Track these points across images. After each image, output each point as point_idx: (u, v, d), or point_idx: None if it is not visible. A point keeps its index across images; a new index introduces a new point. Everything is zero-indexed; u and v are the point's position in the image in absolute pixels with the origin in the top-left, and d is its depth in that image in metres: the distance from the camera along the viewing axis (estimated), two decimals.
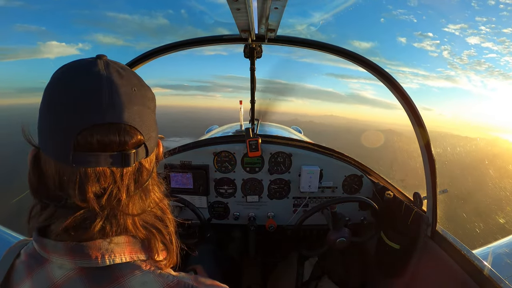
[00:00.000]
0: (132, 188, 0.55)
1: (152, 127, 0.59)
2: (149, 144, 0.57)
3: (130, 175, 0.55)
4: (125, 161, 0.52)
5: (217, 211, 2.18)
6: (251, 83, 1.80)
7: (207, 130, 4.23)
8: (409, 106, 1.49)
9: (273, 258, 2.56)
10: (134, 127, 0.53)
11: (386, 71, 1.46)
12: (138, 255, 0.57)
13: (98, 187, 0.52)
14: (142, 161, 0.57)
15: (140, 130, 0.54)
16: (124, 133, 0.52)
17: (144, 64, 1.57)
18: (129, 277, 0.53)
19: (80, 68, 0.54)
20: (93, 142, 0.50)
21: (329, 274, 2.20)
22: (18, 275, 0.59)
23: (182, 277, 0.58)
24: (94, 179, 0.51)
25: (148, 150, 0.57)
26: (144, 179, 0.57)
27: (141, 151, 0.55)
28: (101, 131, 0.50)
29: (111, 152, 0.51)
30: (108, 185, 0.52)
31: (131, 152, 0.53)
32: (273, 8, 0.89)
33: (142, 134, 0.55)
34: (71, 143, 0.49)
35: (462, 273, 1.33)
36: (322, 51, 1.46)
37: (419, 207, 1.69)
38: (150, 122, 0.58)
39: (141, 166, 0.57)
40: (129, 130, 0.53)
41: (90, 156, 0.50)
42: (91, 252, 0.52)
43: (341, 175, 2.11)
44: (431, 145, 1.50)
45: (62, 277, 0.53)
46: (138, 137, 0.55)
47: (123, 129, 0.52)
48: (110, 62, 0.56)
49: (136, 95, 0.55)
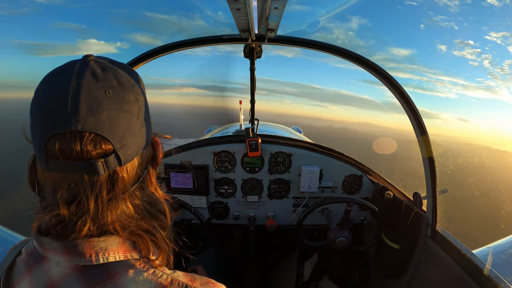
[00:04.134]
0: (104, 196, 0.53)
1: (129, 134, 0.54)
2: (123, 152, 0.53)
3: (102, 184, 0.52)
4: (92, 170, 0.50)
5: (217, 211, 2.18)
6: (251, 83, 1.80)
7: (207, 130, 4.22)
8: (410, 107, 1.50)
9: (273, 258, 2.56)
10: (101, 135, 0.50)
11: (386, 71, 1.46)
12: (132, 254, 0.57)
13: (68, 194, 0.52)
14: (117, 170, 0.54)
15: (109, 138, 0.51)
16: (87, 142, 0.49)
17: (145, 63, 1.58)
18: (123, 275, 0.54)
19: (58, 72, 0.53)
20: (56, 150, 0.49)
21: (329, 274, 2.20)
22: (18, 272, 0.61)
23: (176, 276, 0.58)
24: (65, 186, 0.51)
25: (121, 159, 0.53)
26: (120, 188, 0.54)
27: (112, 160, 0.52)
28: (62, 140, 0.49)
29: (78, 160, 0.50)
30: (77, 193, 0.52)
31: (98, 161, 0.50)
32: (273, 8, 0.89)
33: (112, 143, 0.51)
34: (42, 149, 0.50)
35: (462, 273, 1.33)
36: (322, 51, 1.46)
37: (419, 207, 1.69)
38: (125, 128, 0.53)
39: (116, 174, 0.54)
40: (94, 139, 0.50)
41: (59, 163, 0.50)
42: (85, 251, 0.54)
43: (341, 175, 2.11)
44: (431, 145, 1.50)
45: (59, 275, 0.55)
46: (106, 146, 0.51)
47: (86, 137, 0.49)
48: (92, 63, 0.54)
49: (110, 99, 0.51)
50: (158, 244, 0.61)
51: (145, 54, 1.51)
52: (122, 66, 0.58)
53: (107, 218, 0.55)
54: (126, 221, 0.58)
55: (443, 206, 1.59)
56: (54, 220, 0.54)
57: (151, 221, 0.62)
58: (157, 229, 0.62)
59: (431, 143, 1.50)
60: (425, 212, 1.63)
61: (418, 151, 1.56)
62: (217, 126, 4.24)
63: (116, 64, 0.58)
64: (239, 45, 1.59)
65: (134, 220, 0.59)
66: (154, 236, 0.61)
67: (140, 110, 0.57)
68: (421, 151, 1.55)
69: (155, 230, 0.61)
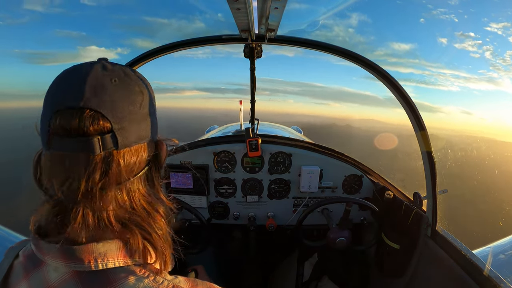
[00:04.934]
0: (97, 178, 0.52)
1: (129, 119, 0.55)
2: (120, 134, 0.53)
3: (96, 164, 0.51)
4: (88, 147, 0.50)
5: (217, 211, 2.18)
6: (251, 83, 1.80)
7: (207, 130, 4.23)
8: (409, 106, 1.50)
9: (273, 258, 2.56)
10: (101, 113, 0.51)
11: (386, 71, 1.46)
12: (132, 259, 0.56)
13: (64, 174, 0.52)
14: (113, 153, 0.53)
15: (108, 116, 0.52)
16: (85, 118, 0.51)
17: (145, 63, 1.57)
18: (122, 282, 0.53)
19: (72, 68, 0.57)
20: (57, 126, 0.51)
21: (329, 274, 2.20)
22: (16, 276, 0.59)
23: (178, 282, 0.57)
24: (61, 166, 0.52)
25: (118, 141, 0.53)
26: (114, 173, 0.53)
27: (108, 139, 0.52)
28: (64, 116, 0.51)
29: (76, 137, 0.51)
30: (71, 173, 0.52)
31: (94, 138, 0.50)
32: (273, 8, 0.89)
33: (110, 122, 0.52)
34: (46, 129, 0.52)
35: (462, 273, 1.33)
36: (322, 51, 1.46)
37: (419, 207, 1.69)
38: (127, 112, 0.55)
39: (111, 157, 0.53)
40: (93, 115, 0.51)
41: (60, 140, 0.51)
42: (84, 256, 0.53)
43: (341, 175, 2.11)
44: (431, 145, 1.50)
45: (57, 280, 0.54)
46: (103, 123, 0.52)
47: (86, 114, 0.51)
48: (104, 61, 0.58)
49: (115, 86, 0.54)
50: (154, 245, 0.59)
51: (145, 54, 1.51)
52: (131, 69, 0.62)
53: (100, 204, 0.53)
54: (119, 211, 0.56)
55: (443, 206, 1.59)
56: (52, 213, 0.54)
57: (147, 219, 0.60)
58: (153, 228, 0.60)
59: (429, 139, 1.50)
60: (425, 212, 1.63)
61: (455, 155, 1.55)
62: (217, 126, 4.24)
63: (126, 66, 0.61)
64: (239, 46, 1.60)
65: (127, 213, 0.57)
66: (150, 235, 0.59)
67: (144, 102, 0.59)
68: (420, 147, 1.55)
69: (151, 228, 0.59)
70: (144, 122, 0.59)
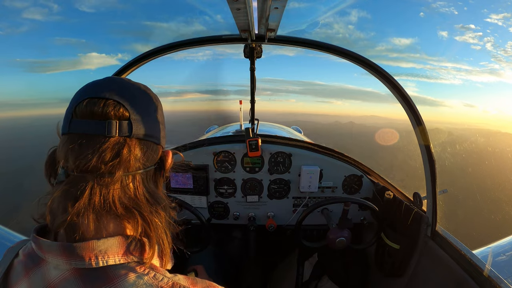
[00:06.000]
0: (108, 158, 0.56)
1: (145, 115, 0.63)
2: (136, 124, 0.60)
3: (109, 146, 0.57)
4: (106, 128, 0.57)
5: (217, 211, 2.18)
6: (251, 83, 1.80)
7: (207, 130, 4.23)
8: (409, 105, 1.49)
9: (273, 258, 2.56)
10: (120, 102, 0.59)
11: (386, 71, 1.46)
12: (132, 256, 0.57)
13: (78, 151, 0.56)
14: (126, 140, 0.59)
15: (128, 108, 0.60)
16: (108, 105, 0.58)
17: (145, 63, 1.57)
18: (122, 279, 0.53)
19: None
20: (82, 110, 0.58)
21: (329, 274, 2.20)
22: (16, 274, 0.60)
23: (177, 280, 0.57)
24: (78, 144, 0.56)
25: (133, 129, 0.60)
26: (124, 158, 0.58)
27: (125, 125, 0.59)
28: (89, 103, 0.58)
29: (97, 119, 0.57)
30: (86, 150, 0.56)
31: (113, 120, 0.58)
32: (273, 8, 0.89)
33: (128, 111, 0.60)
34: (70, 114, 0.59)
35: (462, 273, 1.33)
36: (322, 51, 1.46)
37: (419, 207, 1.69)
38: (143, 109, 0.63)
39: (124, 142, 0.58)
40: (115, 104, 0.59)
41: (80, 122, 0.58)
42: (85, 253, 0.53)
43: (341, 175, 2.11)
44: (431, 144, 1.50)
45: (58, 278, 0.54)
46: (123, 111, 0.59)
47: (110, 103, 0.59)
48: None
49: (137, 90, 0.65)
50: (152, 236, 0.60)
51: (145, 54, 1.51)
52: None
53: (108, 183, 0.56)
54: (124, 197, 0.59)
55: (443, 206, 1.59)
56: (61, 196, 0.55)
57: (149, 208, 0.62)
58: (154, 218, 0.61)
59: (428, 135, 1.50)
60: (425, 212, 1.63)
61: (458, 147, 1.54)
62: (217, 126, 4.24)
63: None
64: (239, 48, 1.59)
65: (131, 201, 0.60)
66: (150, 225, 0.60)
67: (158, 109, 0.69)
68: (421, 150, 1.54)
69: (151, 217, 0.61)
70: (156, 125, 0.66)
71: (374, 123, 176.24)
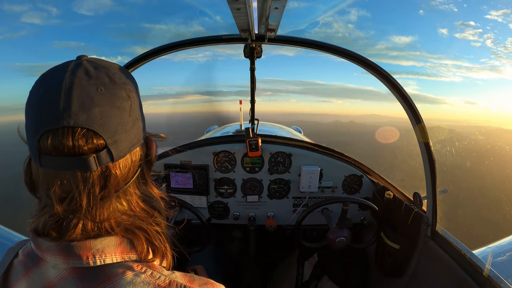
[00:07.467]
0: (97, 192, 0.53)
1: (121, 130, 0.55)
2: (115, 148, 0.53)
3: (94, 180, 0.52)
4: (84, 166, 0.50)
5: (217, 211, 2.18)
6: (251, 83, 1.80)
7: (207, 130, 4.22)
8: (408, 105, 1.50)
9: (273, 258, 2.56)
10: (93, 130, 0.51)
11: (385, 70, 1.47)
12: (129, 255, 0.57)
13: (61, 191, 0.52)
14: (110, 166, 0.54)
15: (101, 133, 0.51)
16: (79, 137, 0.50)
17: (145, 63, 1.57)
18: (120, 277, 0.54)
19: (52, 71, 0.55)
20: (49, 146, 0.50)
21: (329, 274, 2.20)
22: (16, 274, 0.60)
23: (174, 277, 0.58)
24: (58, 182, 0.51)
25: (113, 155, 0.53)
26: (113, 184, 0.55)
27: (103, 155, 0.52)
28: (55, 136, 0.50)
29: (70, 156, 0.50)
30: (70, 189, 0.52)
31: (89, 157, 0.50)
32: (273, 8, 0.89)
33: (103, 138, 0.52)
34: (35, 146, 0.51)
35: (462, 273, 1.33)
36: (322, 51, 1.46)
37: (419, 207, 1.69)
38: (117, 124, 0.54)
39: (108, 171, 0.54)
40: (86, 134, 0.50)
41: (53, 159, 0.51)
42: (82, 253, 0.53)
43: (341, 175, 2.11)
44: (431, 144, 1.50)
45: (56, 277, 0.55)
46: (98, 141, 0.51)
47: (78, 133, 0.50)
48: (86, 62, 0.55)
49: (102, 95, 0.52)
50: (152, 241, 0.60)
51: (145, 54, 1.51)
52: (114, 65, 0.60)
53: (101, 215, 0.55)
54: (121, 218, 0.57)
55: (443, 205, 1.59)
56: (51, 220, 0.54)
57: (146, 218, 0.61)
58: (152, 225, 0.62)
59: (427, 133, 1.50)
60: (425, 212, 1.63)
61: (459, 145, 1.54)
62: (217, 126, 4.24)
63: (108, 63, 0.59)
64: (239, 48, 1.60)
65: (128, 217, 0.58)
66: (148, 234, 0.60)
67: (132, 107, 0.58)
68: (421, 150, 1.54)
69: (150, 226, 0.61)
70: (135, 127, 0.58)
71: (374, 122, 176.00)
